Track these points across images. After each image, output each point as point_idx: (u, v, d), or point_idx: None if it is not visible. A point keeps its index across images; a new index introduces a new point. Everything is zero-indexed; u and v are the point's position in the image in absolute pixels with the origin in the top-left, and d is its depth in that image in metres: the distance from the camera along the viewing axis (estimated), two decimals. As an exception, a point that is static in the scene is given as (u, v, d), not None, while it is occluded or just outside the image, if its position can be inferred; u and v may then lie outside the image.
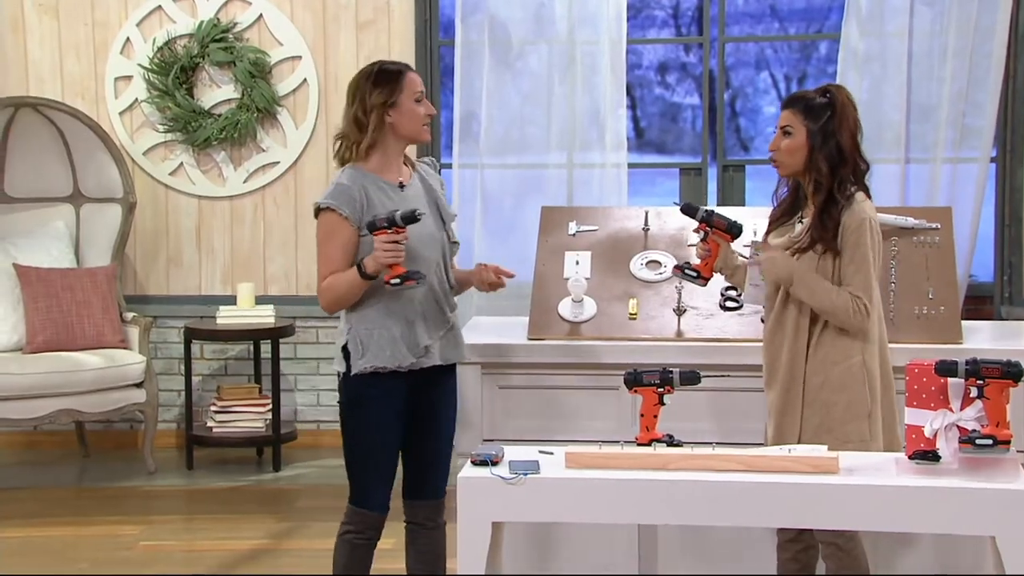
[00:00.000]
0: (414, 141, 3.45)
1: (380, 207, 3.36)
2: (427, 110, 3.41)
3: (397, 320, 3.36)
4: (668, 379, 3.06)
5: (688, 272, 3.45)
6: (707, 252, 3.45)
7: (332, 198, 3.37)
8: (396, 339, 3.35)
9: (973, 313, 5.52)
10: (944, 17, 5.58)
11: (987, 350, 3.53)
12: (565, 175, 5.85)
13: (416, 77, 3.43)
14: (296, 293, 6.15)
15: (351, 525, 3.46)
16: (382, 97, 3.36)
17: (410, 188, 3.44)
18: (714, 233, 3.43)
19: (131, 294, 6.14)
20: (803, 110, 3.33)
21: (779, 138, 3.36)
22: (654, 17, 6.39)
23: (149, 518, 5.14)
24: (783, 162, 3.36)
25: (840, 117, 3.32)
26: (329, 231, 3.37)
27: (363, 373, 3.36)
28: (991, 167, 5.68)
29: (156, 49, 6.08)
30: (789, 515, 2.86)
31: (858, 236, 3.29)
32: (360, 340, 3.37)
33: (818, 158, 3.31)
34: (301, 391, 6.17)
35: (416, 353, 3.36)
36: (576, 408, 3.74)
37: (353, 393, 3.39)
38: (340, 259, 3.36)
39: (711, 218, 3.43)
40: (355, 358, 3.36)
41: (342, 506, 3.51)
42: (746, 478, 2.85)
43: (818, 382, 3.31)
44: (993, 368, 2.80)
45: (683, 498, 2.85)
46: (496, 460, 2.95)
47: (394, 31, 6.03)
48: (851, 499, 2.80)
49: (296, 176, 6.13)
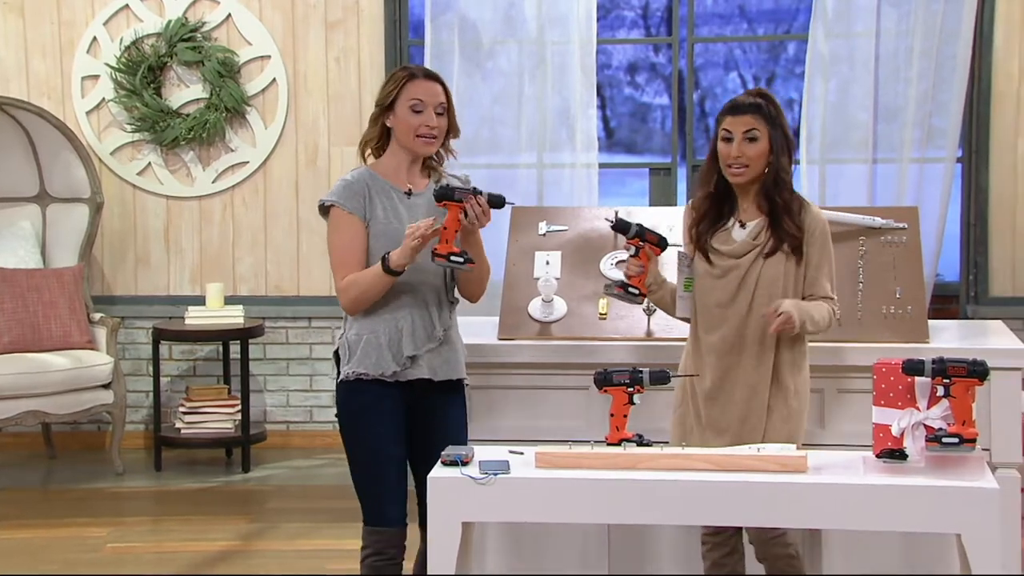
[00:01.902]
0: (410, 151, 3.31)
1: (380, 210, 3.28)
2: (424, 121, 3.27)
3: (386, 326, 3.27)
4: (638, 379, 3.05)
5: (631, 290, 3.41)
6: (640, 268, 3.41)
7: (335, 195, 3.30)
8: (382, 346, 3.26)
9: (939, 312, 5.56)
10: (910, 18, 5.62)
11: (953, 349, 3.54)
12: (535, 175, 5.85)
13: (424, 85, 3.28)
14: (265, 293, 6.13)
15: (370, 548, 3.31)
16: (380, 98, 3.31)
17: (419, 197, 3.33)
18: (648, 248, 3.42)
19: (98, 295, 6.11)
20: (764, 114, 3.30)
21: (742, 144, 3.29)
22: (623, 17, 6.40)
23: (117, 520, 5.10)
24: (750, 168, 3.31)
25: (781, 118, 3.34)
26: (336, 227, 3.27)
27: (348, 380, 3.28)
28: (957, 167, 5.73)
29: (123, 48, 6.05)
30: (758, 514, 2.86)
31: (823, 239, 3.33)
32: (349, 345, 3.29)
33: (781, 159, 3.31)
34: (271, 392, 6.15)
35: (400, 362, 3.26)
36: (546, 408, 3.74)
37: (343, 400, 3.31)
38: (353, 254, 3.25)
39: (644, 233, 3.41)
40: (344, 363, 3.30)
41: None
42: (715, 477, 2.86)
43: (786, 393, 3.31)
44: (959, 367, 2.82)
45: (653, 497, 2.85)
46: (466, 460, 2.95)
47: (363, 31, 6.02)
48: (819, 498, 2.81)
49: (265, 176, 6.11)
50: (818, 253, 3.32)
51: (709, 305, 3.38)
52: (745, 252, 3.34)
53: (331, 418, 6.13)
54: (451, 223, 3.22)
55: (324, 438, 6.13)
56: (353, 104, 6.05)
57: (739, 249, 3.35)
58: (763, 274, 3.32)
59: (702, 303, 3.40)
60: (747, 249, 3.34)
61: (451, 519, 2.89)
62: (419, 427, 3.34)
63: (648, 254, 3.42)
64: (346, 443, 3.32)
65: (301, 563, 4.51)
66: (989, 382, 2.95)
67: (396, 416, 3.29)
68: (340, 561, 4.50)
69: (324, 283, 6.09)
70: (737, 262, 3.34)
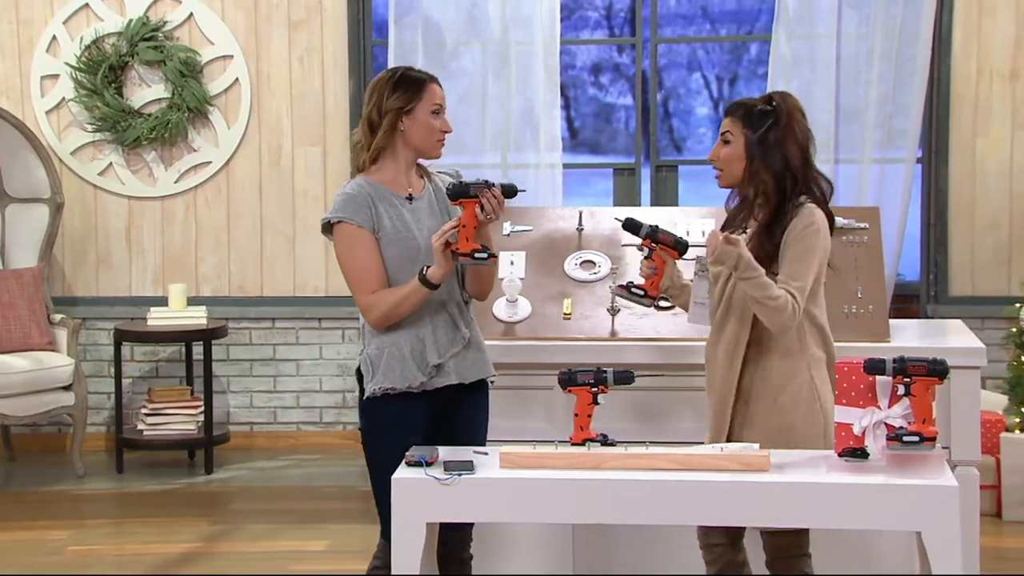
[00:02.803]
0: (425, 155, 3.29)
1: (386, 219, 3.21)
2: (443, 126, 3.27)
3: (408, 337, 3.19)
4: (602, 379, 3.05)
5: (635, 291, 3.30)
6: (653, 270, 3.29)
7: (341, 210, 3.20)
8: (406, 357, 3.18)
9: (900, 311, 5.60)
10: (871, 20, 5.66)
11: (914, 348, 3.55)
12: (499, 175, 5.85)
13: (438, 90, 3.28)
14: (228, 294, 6.10)
15: (380, 559, 3.25)
16: (399, 102, 3.23)
17: (419, 200, 3.27)
18: (661, 250, 3.29)
19: (59, 296, 6.06)
20: (743, 118, 3.18)
21: (719, 147, 3.22)
22: (587, 18, 6.41)
23: (78, 522, 5.07)
24: (722, 171, 3.23)
25: (784, 127, 3.15)
26: (349, 243, 3.19)
27: (375, 396, 3.18)
28: (917, 168, 5.78)
29: (84, 48, 6.00)
30: (721, 513, 2.87)
31: (803, 234, 3.13)
32: (371, 361, 3.20)
33: (759, 169, 3.15)
34: (234, 393, 6.12)
35: (426, 372, 3.18)
36: (511, 408, 3.73)
37: (369, 417, 3.22)
38: (373, 270, 3.17)
39: (656, 234, 3.28)
40: (367, 380, 3.23)
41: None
42: (679, 477, 2.87)
43: (765, 408, 3.19)
44: (919, 366, 2.84)
45: (617, 497, 2.85)
46: (430, 461, 2.94)
47: (327, 30, 6.00)
48: (782, 496, 2.82)
49: (228, 176, 6.08)
50: (793, 249, 3.13)
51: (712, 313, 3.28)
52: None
53: (295, 419, 6.12)
54: (469, 220, 3.14)
55: (288, 439, 6.10)
56: (317, 104, 6.02)
57: None
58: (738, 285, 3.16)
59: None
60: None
61: (415, 520, 2.88)
62: (451, 432, 3.27)
63: (663, 256, 3.30)
64: (367, 456, 3.25)
65: (265, 564, 4.49)
66: (949, 381, 2.99)
67: (420, 429, 3.21)
68: (304, 562, 4.50)
69: (288, 284, 6.07)
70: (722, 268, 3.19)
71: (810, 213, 3.17)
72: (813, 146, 3.22)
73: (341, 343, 6.06)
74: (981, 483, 3.78)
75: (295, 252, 6.07)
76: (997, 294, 5.71)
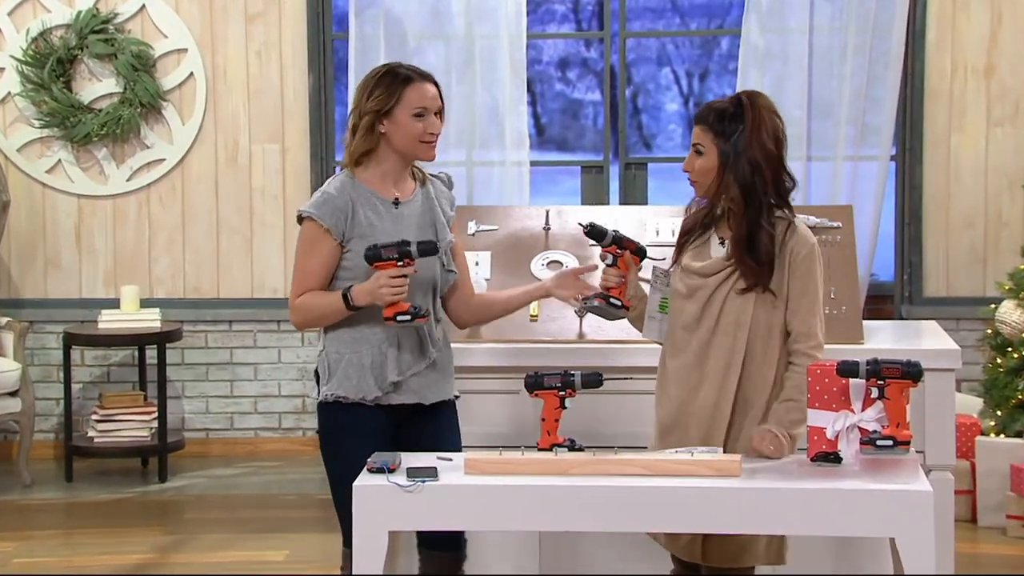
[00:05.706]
0: (410, 158, 3.19)
1: (366, 225, 3.13)
2: (427, 127, 3.14)
3: (370, 347, 3.14)
4: (570, 382, 3.02)
5: (613, 302, 3.18)
6: (620, 279, 3.19)
7: (315, 207, 3.14)
8: (364, 368, 3.13)
9: (874, 312, 5.57)
10: (843, 14, 5.64)
11: (888, 350, 3.56)
12: (464, 173, 5.79)
13: (423, 89, 3.15)
14: (183, 296, 6.03)
15: (348, 570, 3.16)
16: (376, 104, 3.12)
17: (407, 206, 3.19)
18: (627, 255, 3.20)
19: (5, 298, 5.98)
20: (713, 126, 3.06)
21: (692, 158, 3.10)
22: (554, 12, 6.40)
23: (25, 533, 4.99)
24: (698, 183, 3.11)
25: (752, 129, 3.02)
26: (308, 242, 3.14)
27: (328, 401, 3.17)
28: (891, 165, 5.73)
29: (30, 40, 5.90)
30: (692, 520, 2.86)
31: (809, 265, 3.05)
32: (329, 364, 3.17)
33: (728, 179, 3.03)
34: (189, 398, 6.04)
35: (383, 387, 3.13)
36: (476, 413, 3.68)
37: (323, 421, 3.20)
38: (317, 274, 3.13)
39: (622, 240, 3.21)
40: (323, 382, 3.19)
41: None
42: (648, 482, 2.86)
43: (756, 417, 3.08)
44: (893, 368, 2.84)
45: (585, 504, 2.84)
46: (393, 467, 2.92)
47: (285, 24, 5.93)
48: (753, 502, 2.81)
49: (183, 174, 6.00)
50: (801, 281, 3.04)
51: (677, 327, 3.15)
52: (715, 272, 3.08)
53: (252, 425, 6.06)
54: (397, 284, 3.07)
55: (245, 446, 6.04)
56: (275, 99, 5.94)
57: (709, 268, 3.09)
58: (730, 299, 3.05)
59: (672, 325, 3.16)
60: (717, 269, 3.07)
61: (377, 528, 2.86)
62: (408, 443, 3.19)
63: (628, 263, 3.21)
64: (326, 463, 3.23)
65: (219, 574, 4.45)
66: (923, 384, 2.99)
67: (377, 436, 3.15)
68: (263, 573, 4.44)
69: (245, 285, 6.00)
70: (704, 281, 3.08)
71: (805, 236, 3.08)
72: (785, 146, 3.10)
73: (300, 346, 5.99)
74: (956, 488, 3.79)
75: (253, 252, 5.98)
76: (972, 294, 5.71)
